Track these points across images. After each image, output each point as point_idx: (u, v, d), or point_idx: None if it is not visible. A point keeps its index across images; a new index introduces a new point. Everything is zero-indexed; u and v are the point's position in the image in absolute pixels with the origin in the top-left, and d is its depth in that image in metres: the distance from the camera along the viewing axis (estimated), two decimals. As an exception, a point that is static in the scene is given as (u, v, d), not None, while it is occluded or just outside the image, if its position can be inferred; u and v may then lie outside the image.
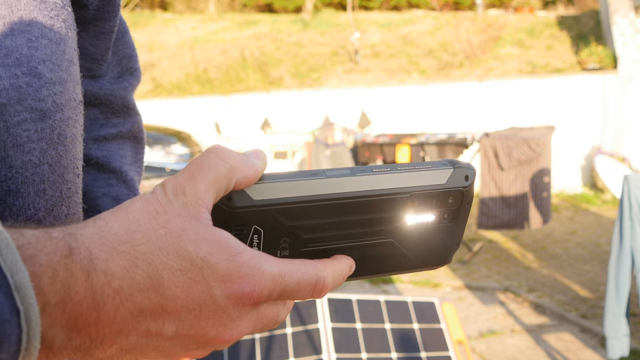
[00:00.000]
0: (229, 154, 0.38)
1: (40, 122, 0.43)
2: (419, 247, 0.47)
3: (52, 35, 0.45)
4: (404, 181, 0.44)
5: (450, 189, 0.46)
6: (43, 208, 0.43)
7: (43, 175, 0.43)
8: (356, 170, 0.44)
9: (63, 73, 0.46)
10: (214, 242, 0.35)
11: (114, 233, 0.34)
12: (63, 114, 0.45)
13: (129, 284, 0.33)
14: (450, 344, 2.17)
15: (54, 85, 0.44)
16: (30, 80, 0.42)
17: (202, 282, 0.35)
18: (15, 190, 0.41)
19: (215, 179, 0.37)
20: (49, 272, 0.31)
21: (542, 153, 4.97)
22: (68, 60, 0.47)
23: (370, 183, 0.44)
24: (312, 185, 0.42)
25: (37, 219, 0.42)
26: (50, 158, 0.43)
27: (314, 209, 0.42)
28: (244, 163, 0.39)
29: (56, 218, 0.44)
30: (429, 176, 0.45)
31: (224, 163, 0.38)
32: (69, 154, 0.46)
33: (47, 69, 0.44)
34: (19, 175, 0.41)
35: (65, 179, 0.46)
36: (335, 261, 0.43)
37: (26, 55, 0.42)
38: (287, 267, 0.38)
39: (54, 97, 0.44)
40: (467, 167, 0.47)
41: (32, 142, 0.42)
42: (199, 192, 0.36)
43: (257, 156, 0.40)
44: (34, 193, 0.42)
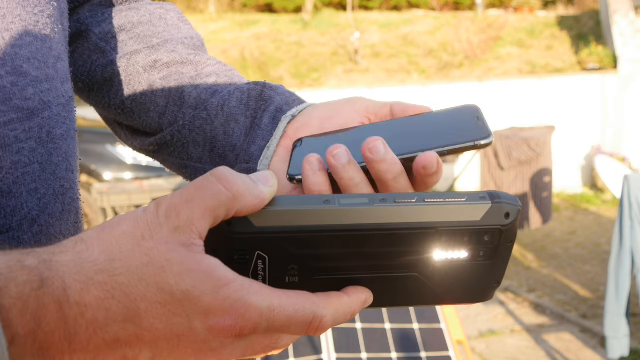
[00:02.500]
0: (233, 181, 0.36)
1: (28, 121, 0.42)
2: (450, 283, 0.42)
3: (36, 32, 0.44)
4: (430, 215, 0.39)
5: (486, 227, 0.40)
6: (36, 207, 0.42)
7: (34, 175, 0.42)
8: (375, 200, 0.39)
9: (50, 70, 0.45)
10: (199, 274, 0.34)
11: (92, 261, 0.32)
12: (51, 111, 0.44)
13: (104, 315, 0.32)
14: (450, 344, 2.17)
15: (40, 83, 0.43)
16: (15, 80, 0.42)
17: (182, 315, 0.34)
18: (8, 191, 0.41)
19: (214, 206, 0.35)
20: (19, 304, 0.30)
21: (542, 153, 4.97)
22: (55, 57, 0.46)
23: (390, 216, 0.38)
24: (323, 214, 0.38)
25: (31, 218, 0.42)
26: (40, 157, 0.43)
27: (324, 238, 0.38)
28: (249, 191, 0.36)
29: (51, 216, 0.44)
30: (461, 211, 0.39)
31: (226, 192, 0.35)
32: (59, 151, 0.45)
33: (32, 67, 0.43)
34: (10, 176, 0.41)
35: (57, 176, 0.45)
36: (342, 297, 0.40)
37: (10, 54, 0.42)
38: (279, 302, 0.36)
39: (41, 95, 0.43)
40: (510, 202, 0.40)
41: (20, 141, 0.41)
42: (194, 218, 0.34)
43: (267, 182, 0.37)
44: (26, 193, 0.41)
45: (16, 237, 0.40)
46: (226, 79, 0.62)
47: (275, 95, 0.59)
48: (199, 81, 0.62)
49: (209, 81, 0.62)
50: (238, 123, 0.58)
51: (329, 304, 0.38)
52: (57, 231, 0.45)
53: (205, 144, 0.59)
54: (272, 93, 0.59)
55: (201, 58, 0.64)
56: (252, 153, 0.57)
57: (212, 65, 0.64)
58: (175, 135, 0.61)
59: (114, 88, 0.64)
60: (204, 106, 0.59)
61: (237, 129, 0.58)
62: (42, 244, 0.43)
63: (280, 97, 0.59)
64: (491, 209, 0.40)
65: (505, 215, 0.40)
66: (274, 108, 0.58)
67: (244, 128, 0.58)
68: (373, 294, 0.41)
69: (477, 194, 0.40)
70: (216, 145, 0.59)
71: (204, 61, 0.64)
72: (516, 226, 0.41)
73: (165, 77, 0.62)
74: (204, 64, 0.64)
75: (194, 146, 0.60)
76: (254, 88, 0.60)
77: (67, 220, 0.46)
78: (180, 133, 0.60)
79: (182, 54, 0.63)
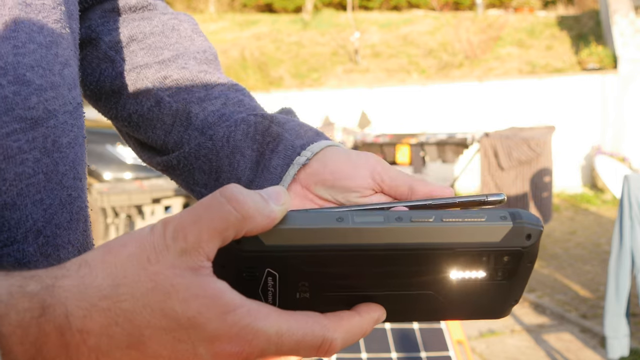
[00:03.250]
0: (243, 200, 0.34)
1: (32, 130, 0.41)
2: (466, 301, 0.41)
3: (41, 39, 0.43)
4: (448, 236, 0.38)
5: (506, 249, 0.38)
6: (42, 218, 0.41)
7: (39, 185, 0.41)
8: (390, 218, 0.37)
9: (56, 77, 0.44)
10: (205, 300, 0.33)
11: (96, 286, 0.32)
12: (57, 119, 0.43)
13: (106, 341, 0.32)
14: (450, 344, 2.17)
15: (45, 92, 0.42)
16: (17, 89, 0.40)
17: (187, 341, 0.33)
18: (12, 203, 0.39)
19: (222, 228, 0.34)
20: (19, 332, 0.30)
21: (542, 153, 4.97)
22: (62, 63, 0.45)
23: (406, 236, 0.37)
24: (336, 233, 0.36)
25: (36, 230, 0.41)
26: (45, 167, 0.42)
27: (337, 257, 0.37)
28: (259, 212, 0.35)
29: (58, 226, 0.43)
30: (480, 232, 0.38)
31: (236, 213, 0.34)
32: (66, 159, 0.44)
33: (36, 75, 0.42)
34: (14, 188, 0.40)
35: (64, 185, 0.44)
36: (354, 317, 0.38)
37: (12, 63, 0.40)
38: (288, 326, 0.35)
39: (46, 104, 0.42)
40: (532, 222, 0.39)
41: (23, 152, 0.40)
42: (202, 240, 0.33)
43: (278, 200, 0.36)
44: (31, 204, 0.40)
45: (21, 249, 0.39)
46: (235, 101, 0.61)
47: (284, 132, 0.58)
48: (207, 103, 0.61)
49: (217, 104, 0.61)
50: (244, 156, 0.58)
51: (339, 326, 0.37)
52: (65, 241, 0.44)
53: (211, 173, 0.59)
54: (280, 130, 0.58)
55: (212, 77, 0.63)
56: None
57: (222, 85, 0.63)
58: (182, 161, 0.60)
59: (121, 100, 0.63)
60: (210, 135, 0.59)
61: (243, 162, 0.58)
62: (48, 255, 0.42)
63: (289, 133, 0.58)
64: (512, 230, 0.38)
65: (527, 237, 0.38)
66: (282, 148, 0.57)
67: (250, 162, 0.58)
68: (386, 310, 0.40)
69: (497, 213, 0.39)
70: (221, 176, 0.59)
71: (214, 80, 0.63)
72: (537, 247, 0.39)
73: (173, 94, 0.62)
74: (214, 83, 0.63)
75: (200, 173, 0.60)
76: (261, 122, 0.59)
77: (75, 229, 0.45)
78: (187, 159, 0.60)
79: (193, 72, 0.63)
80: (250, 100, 0.63)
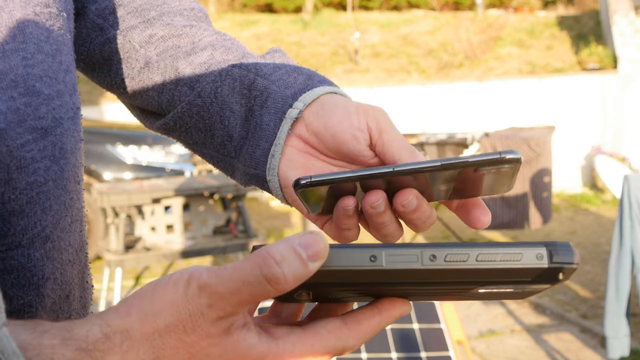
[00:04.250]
0: (284, 282, 0.34)
1: (42, 140, 0.41)
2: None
3: (48, 48, 0.43)
4: (481, 276, 0.38)
5: (536, 286, 0.39)
6: (50, 224, 0.41)
7: (49, 192, 0.41)
8: (424, 257, 0.37)
9: (60, 85, 0.44)
10: (236, 359, 0.36)
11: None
12: (63, 127, 0.43)
13: None
14: (450, 344, 2.17)
15: (52, 101, 0.42)
16: (28, 100, 0.40)
17: None
18: (19, 210, 0.39)
19: (257, 300, 0.35)
20: None
21: (542, 153, 4.97)
22: (64, 70, 0.45)
23: (440, 276, 0.37)
24: (371, 274, 0.37)
25: (44, 236, 0.41)
26: (53, 174, 0.42)
27: (370, 290, 0.40)
28: (299, 280, 0.34)
29: (61, 230, 0.43)
30: (514, 272, 0.37)
31: (275, 292, 0.34)
32: (69, 164, 0.44)
33: (44, 85, 0.42)
34: (24, 197, 0.40)
35: (67, 190, 0.44)
36: (373, 318, 0.40)
37: (22, 75, 0.40)
38: (312, 349, 0.37)
39: (53, 112, 0.42)
40: (568, 262, 0.37)
41: (36, 161, 0.40)
42: (239, 310, 0.35)
43: (317, 258, 0.34)
44: (40, 211, 0.40)
45: (26, 254, 0.39)
46: (222, 50, 0.59)
47: (270, 84, 0.55)
48: (193, 56, 0.59)
49: (204, 55, 0.59)
50: (233, 112, 0.56)
51: (358, 332, 0.39)
52: (66, 243, 0.44)
53: (206, 131, 0.58)
54: (266, 82, 0.56)
55: (197, 30, 0.61)
56: (257, 158, 0.55)
57: (209, 36, 0.61)
58: (177, 122, 0.60)
59: (113, 67, 0.62)
60: (198, 91, 0.57)
61: (233, 119, 0.56)
62: (54, 259, 0.42)
63: (276, 84, 0.55)
64: (547, 271, 0.37)
65: (561, 275, 0.38)
66: (271, 102, 0.55)
67: (240, 118, 0.56)
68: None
69: (534, 251, 0.37)
70: (215, 133, 0.58)
71: (201, 33, 0.61)
72: (565, 274, 0.38)
73: (161, 52, 0.60)
74: (201, 35, 0.61)
75: (197, 132, 0.59)
76: (246, 75, 0.56)
77: (74, 231, 0.45)
78: (182, 119, 0.59)
79: (178, 27, 0.61)
80: (238, 48, 0.60)
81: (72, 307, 0.45)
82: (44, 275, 0.41)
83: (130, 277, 4.98)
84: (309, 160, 0.54)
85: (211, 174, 4.92)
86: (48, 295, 0.42)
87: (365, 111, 0.52)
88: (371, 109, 0.53)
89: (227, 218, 4.16)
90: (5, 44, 0.40)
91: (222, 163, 0.60)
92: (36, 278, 0.40)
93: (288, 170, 0.53)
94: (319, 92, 0.54)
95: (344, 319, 0.39)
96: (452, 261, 0.37)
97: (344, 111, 0.52)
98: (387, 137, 0.51)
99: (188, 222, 4.05)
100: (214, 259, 5.38)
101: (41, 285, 0.41)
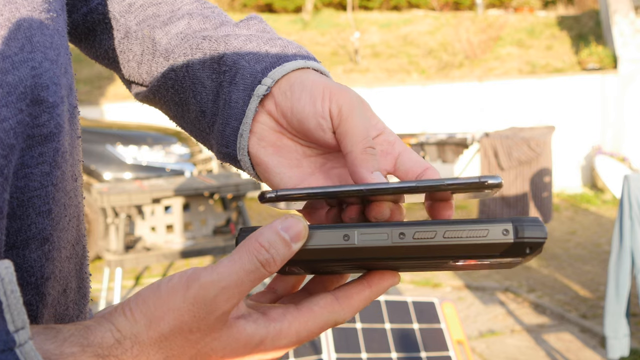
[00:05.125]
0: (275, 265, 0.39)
1: (39, 146, 0.40)
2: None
3: (52, 54, 0.42)
4: (449, 252, 0.40)
5: (505, 260, 0.40)
6: (49, 226, 0.41)
7: (47, 197, 0.41)
8: (394, 235, 0.40)
9: (62, 90, 0.43)
10: (239, 346, 0.39)
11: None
12: (64, 130, 0.43)
13: None
14: (450, 344, 2.17)
15: (56, 107, 0.42)
16: (32, 111, 0.40)
17: None
18: (11, 213, 0.39)
19: (254, 285, 0.39)
20: None
21: (542, 153, 4.97)
22: (63, 73, 0.44)
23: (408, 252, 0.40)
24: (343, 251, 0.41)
25: (43, 238, 0.41)
26: (54, 178, 0.41)
27: (344, 266, 0.43)
28: (285, 259, 0.39)
29: (61, 230, 0.43)
30: (482, 247, 0.39)
31: (266, 274, 0.39)
32: (67, 164, 0.44)
33: (50, 92, 0.41)
34: (14, 200, 0.39)
35: (66, 190, 0.44)
36: (363, 291, 0.43)
37: (30, 86, 0.39)
38: (306, 327, 0.41)
39: (57, 119, 0.42)
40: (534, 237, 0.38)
41: (26, 167, 0.40)
42: (240, 299, 0.38)
43: (298, 238, 0.40)
44: (35, 214, 0.40)
45: (21, 255, 0.40)
46: (200, 18, 0.58)
47: (239, 58, 0.53)
48: (170, 25, 0.58)
49: (181, 24, 0.57)
50: (205, 87, 0.54)
51: (349, 306, 0.42)
52: (65, 241, 0.44)
53: (182, 105, 0.57)
54: (235, 57, 0.53)
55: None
56: (227, 137, 0.53)
57: (189, 4, 0.60)
58: (156, 94, 0.59)
59: (97, 37, 0.62)
60: (172, 65, 0.56)
61: (205, 94, 0.55)
62: (54, 259, 0.42)
63: (245, 59, 0.53)
64: (513, 245, 0.38)
65: (528, 249, 0.38)
66: (240, 78, 0.52)
67: (211, 93, 0.54)
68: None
69: (500, 227, 0.38)
70: (190, 108, 0.57)
71: (180, 1, 0.60)
72: (539, 252, 0.39)
73: (140, 22, 0.59)
74: (180, 3, 0.60)
75: (174, 105, 0.58)
76: (215, 49, 0.54)
77: (71, 229, 0.45)
78: (159, 92, 0.58)
79: None
80: (217, 17, 0.58)
81: (69, 299, 0.45)
82: (44, 275, 0.41)
83: (130, 277, 4.98)
84: (280, 139, 0.52)
85: (211, 174, 4.92)
86: (49, 294, 0.42)
87: (330, 95, 0.49)
88: (336, 94, 0.49)
89: (227, 218, 4.16)
90: (14, 55, 0.39)
91: (200, 138, 0.59)
92: (34, 278, 0.40)
93: (260, 148, 0.51)
94: (290, 67, 0.51)
95: (335, 294, 0.42)
96: (420, 238, 0.39)
97: (309, 95, 0.49)
98: (344, 127, 0.48)
99: (188, 222, 4.05)
100: (214, 259, 5.38)
101: (40, 284, 0.41)
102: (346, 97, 0.48)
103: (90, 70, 10.07)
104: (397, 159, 0.50)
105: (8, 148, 0.37)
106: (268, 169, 0.51)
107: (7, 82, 0.38)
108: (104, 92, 9.83)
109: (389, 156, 0.50)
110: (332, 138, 0.49)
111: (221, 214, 4.17)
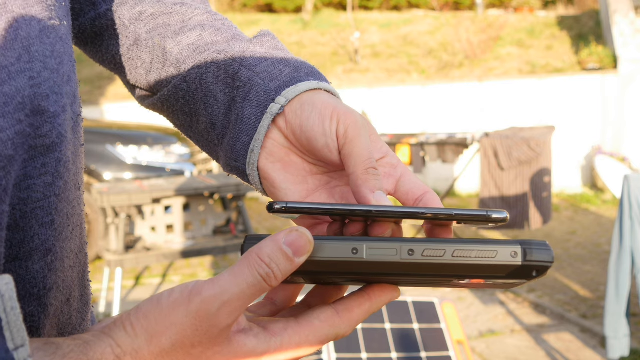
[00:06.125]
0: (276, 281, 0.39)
1: (42, 157, 0.40)
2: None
3: (52, 63, 0.41)
4: (457, 271, 0.39)
5: (511, 281, 0.41)
6: (52, 237, 0.41)
7: (50, 208, 0.40)
8: (403, 251, 0.40)
9: (64, 99, 0.42)
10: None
11: None
12: (67, 140, 0.42)
13: None
14: (450, 344, 2.17)
15: (58, 117, 0.41)
16: (33, 121, 0.39)
17: None
18: (14, 225, 0.39)
19: (255, 298, 0.39)
20: None
21: (542, 153, 4.97)
22: (66, 82, 0.43)
23: (417, 269, 0.40)
24: (351, 264, 0.40)
25: (45, 249, 0.40)
26: (57, 189, 0.41)
27: (352, 279, 0.43)
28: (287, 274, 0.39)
29: (64, 240, 0.43)
30: (489, 268, 0.39)
31: (268, 287, 0.39)
32: (70, 174, 0.43)
33: (50, 102, 0.40)
34: (17, 212, 0.39)
35: (69, 200, 0.43)
36: (364, 305, 0.43)
37: (29, 96, 0.39)
38: (307, 339, 0.41)
39: (59, 129, 0.41)
40: (541, 260, 0.39)
41: (30, 178, 0.39)
42: (241, 313, 0.38)
43: (302, 252, 0.39)
44: (37, 226, 0.40)
45: (24, 266, 0.39)
46: (212, 30, 0.58)
47: (254, 76, 0.54)
48: (182, 36, 0.58)
49: (193, 36, 0.58)
50: (217, 100, 0.55)
51: (350, 320, 0.42)
52: (67, 250, 0.44)
53: (192, 115, 0.58)
54: (249, 74, 0.54)
55: (188, 8, 0.60)
56: (238, 151, 0.54)
57: (199, 15, 0.60)
58: (165, 103, 0.59)
59: (104, 43, 0.62)
60: (184, 76, 0.57)
61: (217, 107, 0.55)
62: (56, 270, 0.42)
63: (260, 77, 0.54)
64: (521, 268, 0.39)
65: (535, 272, 0.39)
66: (254, 95, 0.53)
67: (223, 107, 0.55)
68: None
69: (509, 249, 0.39)
70: (199, 119, 0.57)
71: (191, 12, 0.60)
72: (544, 275, 0.40)
73: (150, 30, 0.60)
74: (191, 14, 0.60)
75: (183, 115, 0.59)
76: (230, 65, 0.55)
77: (74, 238, 0.45)
78: (168, 101, 0.59)
79: (169, 4, 0.60)
80: (228, 29, 0.59)
81: (72, 308, 0.45)
82: (46, 286, 0.41)
83: (130, 277, 4.98)
84: (288, 155, 0.53)
85: (211, 174, 4.92)
86: (51, 304, 0.41)
87: (338, 117, 0.50)
88: (344, 115, 0.50)
89: (227, 218, 4.16)
90: (10, 65, 0.38)
91: (207, 149, 0.60)
92: (37, 289, 0.40)
93: (268, 164, 0.53)
94: (303, 88, 0.53)
95: (335, 308, 0.42)
96: (429, 256, 0.39)
97: (319, 115, 0.51)
98: (349, 148, 0.49)
99: (188, 222, 4.05)
100: (214, 259, 5.38)
101: (43, 295, 0.40)
102: (352, 120, 0.50)
103: (91, 70, 10.07)
104: (399, 180, 0.51)
105: (6, 159, 0.36)
106: (275, 184, 0.53)
107: (4, 92, 0.37)
108: (104, 92, 9.83)
109: (390, 178, 0.51)
110: (337, 157, 0.50)
111: (221, 214, 4.17)
